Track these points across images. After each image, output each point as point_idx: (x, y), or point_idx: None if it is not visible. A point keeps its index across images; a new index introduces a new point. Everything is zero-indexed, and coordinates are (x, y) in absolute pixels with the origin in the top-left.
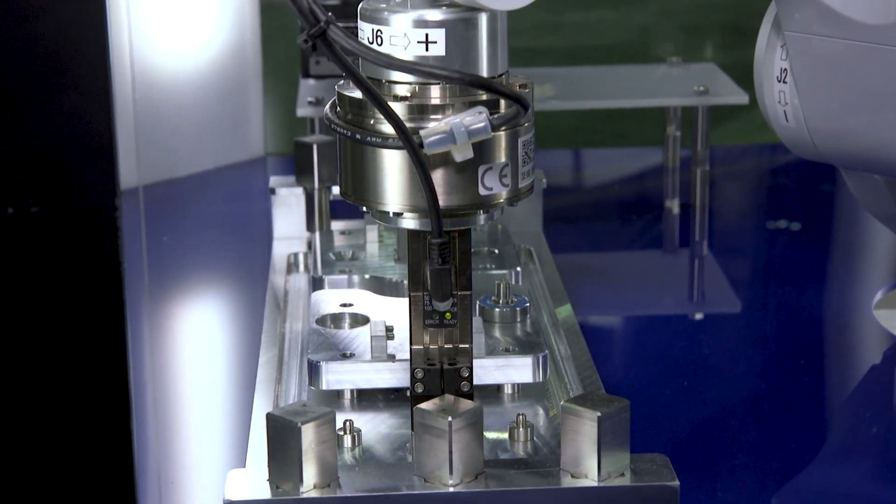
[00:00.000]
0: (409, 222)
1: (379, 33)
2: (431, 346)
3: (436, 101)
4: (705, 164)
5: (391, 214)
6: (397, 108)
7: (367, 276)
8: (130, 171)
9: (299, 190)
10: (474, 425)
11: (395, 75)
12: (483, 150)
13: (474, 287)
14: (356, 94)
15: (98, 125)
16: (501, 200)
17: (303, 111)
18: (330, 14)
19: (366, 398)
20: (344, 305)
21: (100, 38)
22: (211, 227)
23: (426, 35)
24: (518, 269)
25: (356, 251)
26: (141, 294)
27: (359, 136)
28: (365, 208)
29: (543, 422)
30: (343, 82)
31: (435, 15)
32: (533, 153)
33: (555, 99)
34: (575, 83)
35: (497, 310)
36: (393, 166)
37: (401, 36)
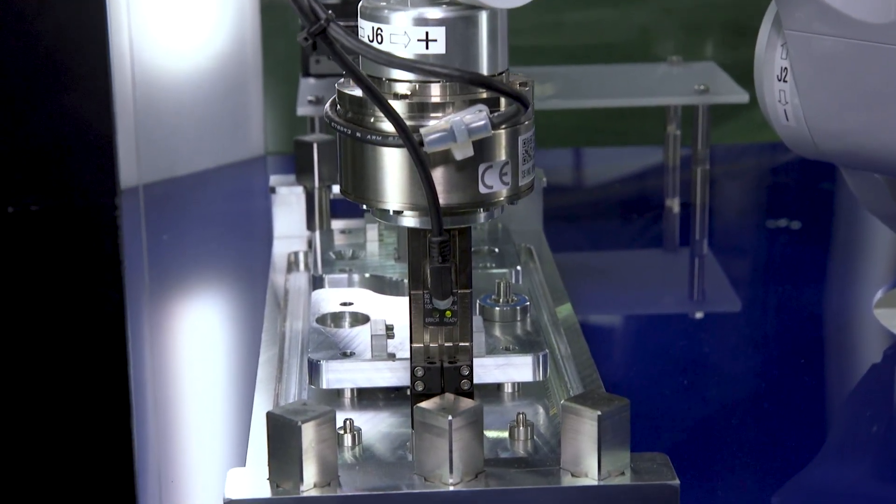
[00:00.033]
0: (410, 220)
1: (379, 31)
2: (432, 345)
3: (436, 100)
4: (706, 163)
5: (391, 212)
6: (397, 107)
7: (367, 275)
8: (131, 170)
9: (299, 189)
10: (474, 424)
11: (396, 73)
12: (483, 148)
13: (474, 286)
14: (356, 93)
15: (98, 124)
16: (502, 199)
17: (303, 110)
18: (330, 12)
19: (366, 397)
20: (344, 304)
21: (100, 37)
22: (211, 226)
23: (426, 33)
24: (518, 267)
25: (356, 250)
26: (141, 293)
27: (359, 135)
28: (365, 206)
29: (543, 421)
30: (343, 80)
31: (435, 13)
32: (533, 151)
33: (555, 98)
34: (575, 82)
35: (497, 309)
36: (393, 164)
37: (401, 34)
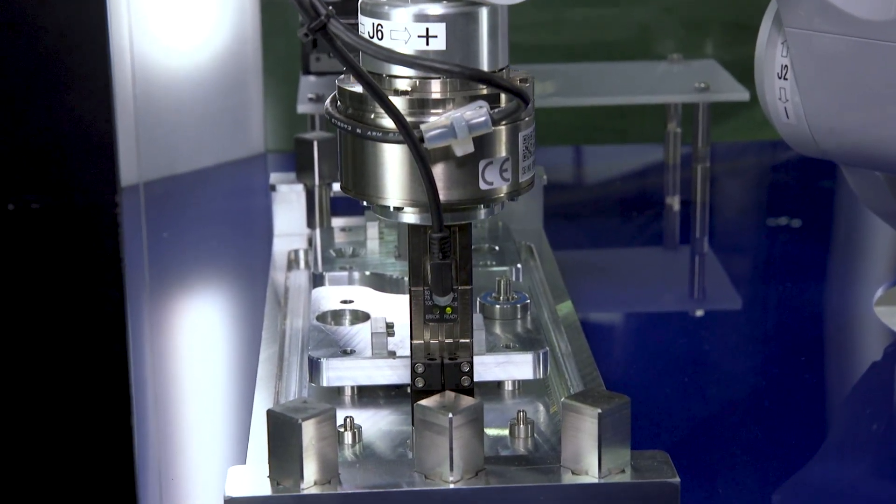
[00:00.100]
0: (410, 217)
1: (379, 27)
2: (432, 341)
3: (436, 96)
4: (706, 161)
5: (392, 209)
6: (398, 103)
7: (367, 273)
8: (131, 168)
9: (300, 186)
10: (475, 422)
11: (396, 69)
12: (484, 144)
13: (475, 284)
14: (357, 89)
15: (98, 122)
16: (502, 195)
17: (303, 108)
18: (330, 8)
19: (366, 395)
20: (344, 302)
21: (100, 35)
22: (211, 224)
23: (427, 29)
24: (518, 265)
25: (357, 248)
26: (141, 291)
27: (359, 131)
28: (365, 203)
29: (544, 418)
30: (344, 77)
31: (435, 9)
32: (533, 147)
33: (555, 96)
34: (576, 80)
35: (497, 306)
36: (393, 161)
37: (401, 30)
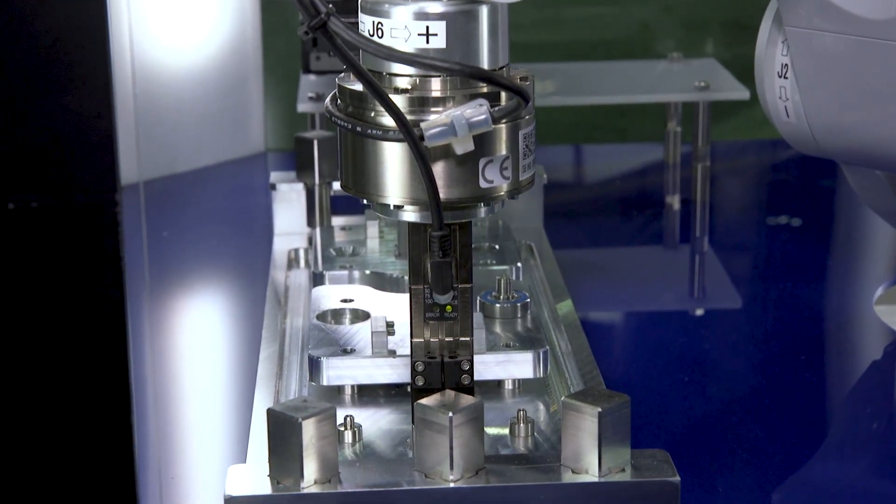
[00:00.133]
0: (410, 215)
1: (379, 26)
2: (432, 340)
3: (436, 94)
4: (706, 160)
5: (392, 207)
6: (398, 101)
7: (367, 272)
8: (131, 167)
9: (300, 185)
10: (475, 421)
11: (396, 68)
12: (484, 142)
13: (475, 282)
14: (357, 87)
15: (99, 121)
16: (502, 193)
17: (303, 107)
18: (331, 6)
19: (366, 394)
20: (344, 301)
21: (100, 35)
22: (211, 223)
23: (427, 27)
24: (518, 264)
25: (357, 247)
26: (141, 289)
27: (359, 129)
28: (365, 201)
29: (544, 417)
30: (344, 75)
31: (435, 7)
32: (534, 146)
33: (555, 95)
34: (575, 79)
35: (498, 305)
36: (393, 159)
37: (401, 28)
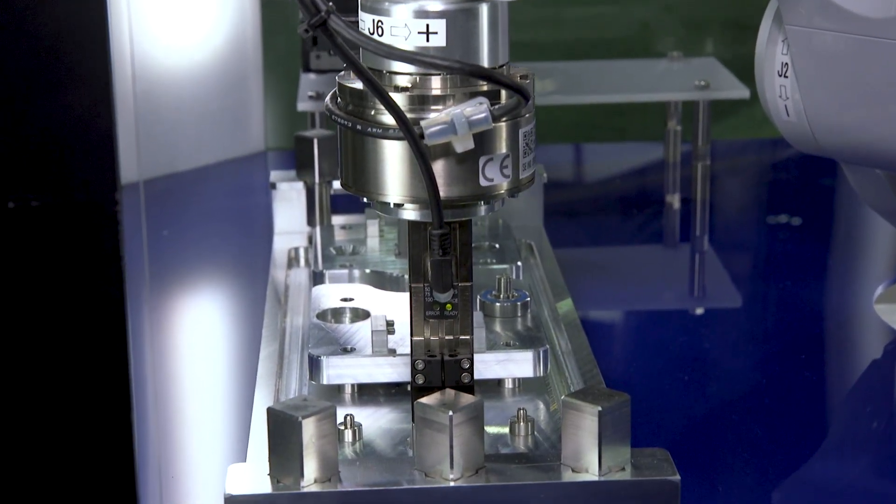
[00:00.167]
0: (410, 213)
1: (380, 24)
2: (432, 338)
3: (437, 92)
4: (706, 159)
5: (392, 205)
6: (398, 99)
7: (367, 271)
8: (131, 166)
9: (300, 184)
10: (475, 420)
11: (396, 66)
12: (484, 140)
13: (475, 281)
14: (357, 85)
15: (99, 120)
16: (502, 191)
17: (303, 106)
18: (331, 4)
19: (366, 393)
20: (344, 300)
21: (100, 33)
22: (211, 222)
23: (427, 25)
24: (519, 263)
25: (357, 246)
26: (141, 289)
27: (359, 127)
28: (365, 199)
29: (544, 416)
30: (344, 73)
31: (436, 5)
32: (534, 144)
33: (555, 94)
34: (576, 78)
35: (498, 304)
36: (394, 157)
37: (401, 26)
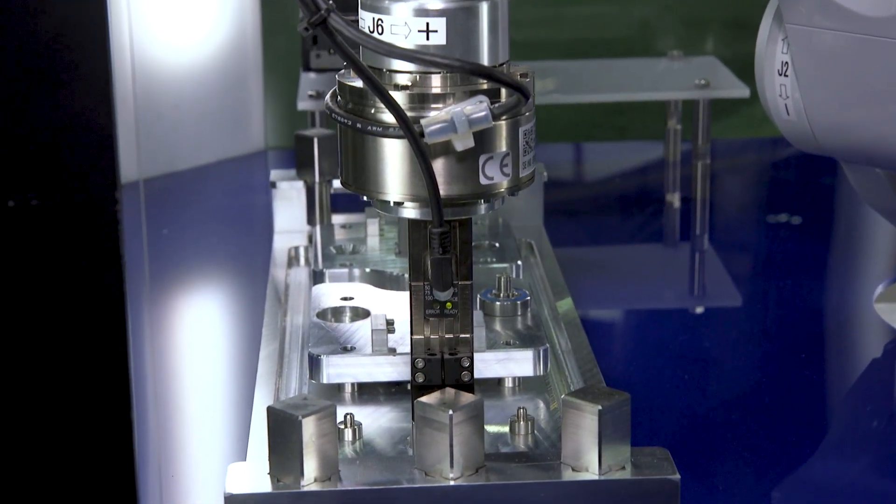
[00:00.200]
0: (410, 212)
1: (380, 22)
2: (432, 337)
3: (436, 90)
4: (706, 158)
5: (392, 204)
6: (398, 97)
7: (367, 270)
8: (131, 165)
9: (300, 183)
10: (475, 419)
11: (396, 64)
12: (484, 139)
13: (475, 280)
14: (357, 84)
15: (99, 118)
16: (502, 190)
17: (303, 105)
18: (331, 2)
19: (366, 392)
20: (345, 299)
21: (100, 33)
22: (211, 221)
23: (427, 24)
24: (519, 262)
25: (357, 245)
26: (142, 288)
27: (359, 126)
28: (365, 198)
29: (544, 415)
30: (344, 72)
31: (436, 3)
32: (534, 142)
33: (555, 93)
34: (576, 77)
35: (498, 303)
36: (394, 155)
37: (401, 25)
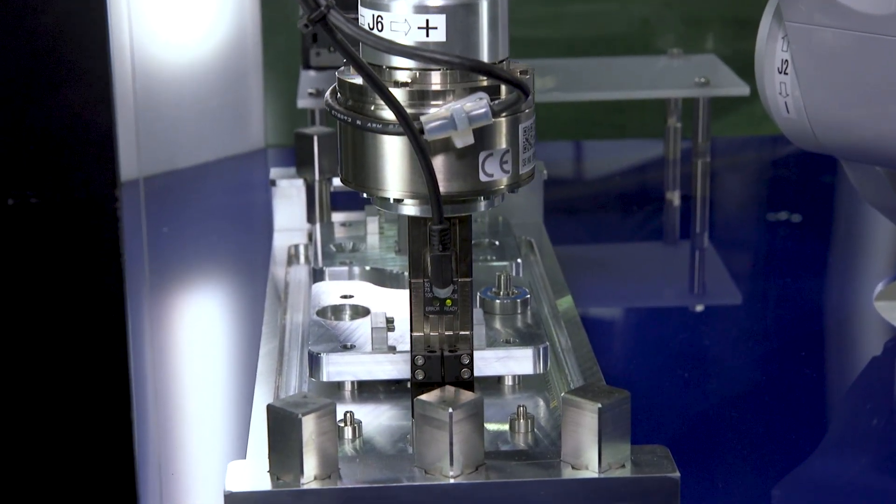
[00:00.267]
0: (410, 209)
1: (379, 19)
2: (432, 334)
3: (436, 87)
4: (706, 156)
5: (392, 201)
6: (398, 94)
7: (367, 268)
8: (131, 163)
9: (300, 181)
10: (475, 417)
11: (396, 61)
12: (484, 136)
13: (475, 278)
14: (357, 81)
15: (98, 117)
16: (502, 187)
17: (303, 102)
18: None
19: (366, 390)
20: (344, 297)
21: (100, 31)
22: (211, 219)
23: (427, 21)
24: (519, 260)
25: (357, 243)
26: (141, 286)
27: (359, 123)
28: (365, 195)
29: (544, 413)
30: (344, 68)
31: (435, 1)
32: (534, 139)
33: (555, 90)
34: (576, 75)
35: (498, 301)
36: (393, 152)
37: (401, 21)
